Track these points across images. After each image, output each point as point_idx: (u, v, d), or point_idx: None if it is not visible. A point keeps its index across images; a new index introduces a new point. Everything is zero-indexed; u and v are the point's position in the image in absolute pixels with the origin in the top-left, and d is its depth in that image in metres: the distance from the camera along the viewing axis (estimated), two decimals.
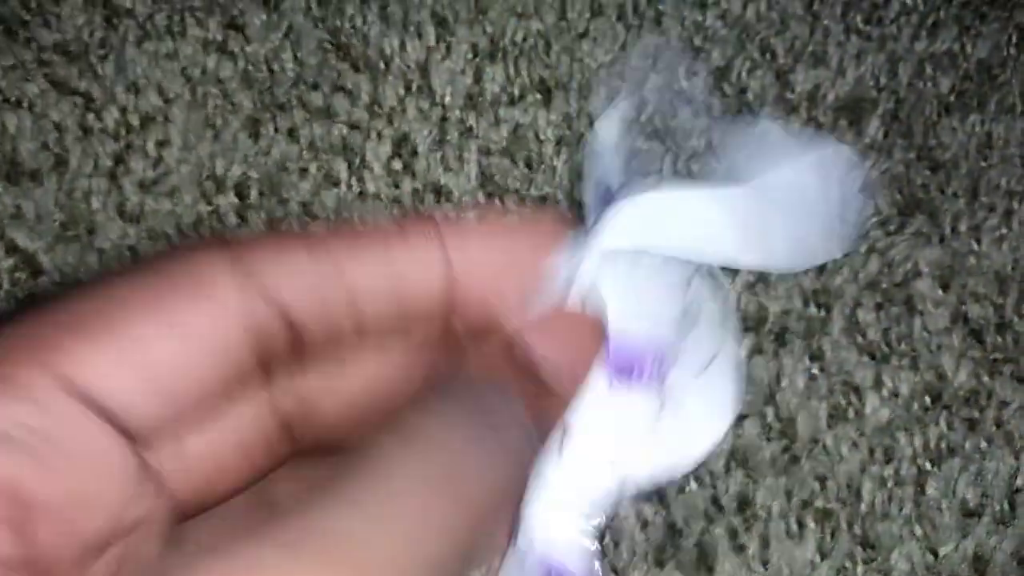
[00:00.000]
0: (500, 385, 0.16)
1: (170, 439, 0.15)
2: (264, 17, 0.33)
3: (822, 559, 0.27)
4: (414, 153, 0.32)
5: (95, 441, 0.14)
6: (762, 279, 0.30)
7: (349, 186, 0.31)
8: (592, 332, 0.18)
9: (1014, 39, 0.34)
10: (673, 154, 0.26)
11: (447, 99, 0.32)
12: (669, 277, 0.19)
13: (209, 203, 0.31)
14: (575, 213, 0.20)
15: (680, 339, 0.19)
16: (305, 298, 0.16)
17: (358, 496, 0.14)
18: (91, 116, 0.31)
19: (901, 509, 0.28)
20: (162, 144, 0.31)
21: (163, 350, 0.15)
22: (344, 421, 0.18)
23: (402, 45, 0.33)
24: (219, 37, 0.33)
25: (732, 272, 0.30)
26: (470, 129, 0.32)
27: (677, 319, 0.19)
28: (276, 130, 0.31)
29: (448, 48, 0.33)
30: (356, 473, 0.14)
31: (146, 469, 0.15)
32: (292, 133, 0.32)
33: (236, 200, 0.31)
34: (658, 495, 0.28)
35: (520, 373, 0.17)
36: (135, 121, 0.31)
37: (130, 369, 0.14)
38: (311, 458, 0.18)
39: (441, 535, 0.14)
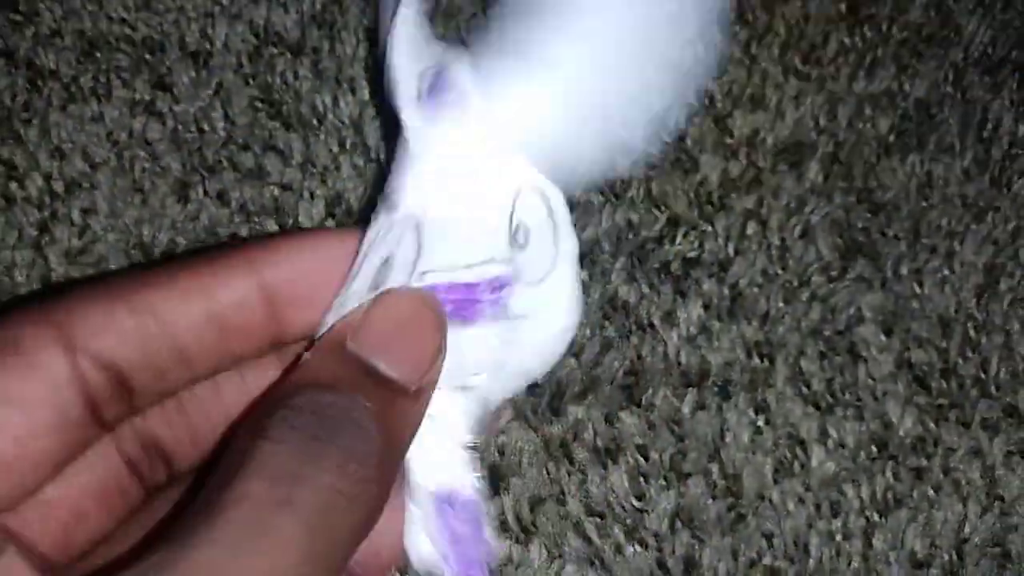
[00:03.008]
0: (345, 397, 0.17)
1: (28, 497, 0.17)
2: (193, 75, 0.32)
3: None
4: (348, 212, 0.31)
5: None
6: (704, 330, 0.30)
7: None
8: (419, 310, 0.19)
9: (950, 77, 0.34)
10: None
11: (383, 155, 0.32)
12: (492, 200, 0.20)
13: None
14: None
15: (513, 260, 0.19)
16: (128, 351, 0.17)
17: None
18: (14, 184, 0.30)
19: (850, 563, 0.27)
20: (87, 212, 0.30)
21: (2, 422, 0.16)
22: (190, 452, 0.19)
23: (335, 101, 0.32)
24: (147, 97, 0.32)
25: (671, 324, 0.30)
26: None
27: (507, 241, 0.20)
28: (205, 193, 0.31)
29: (383, 103, 0.32)
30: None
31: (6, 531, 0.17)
32: (222, 196, 0.31)
33: None
34: (600, 559, 0.27)
35: (363, 378, 0.18)
36: (60, 188, 0.31)
37: None
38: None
39: None
